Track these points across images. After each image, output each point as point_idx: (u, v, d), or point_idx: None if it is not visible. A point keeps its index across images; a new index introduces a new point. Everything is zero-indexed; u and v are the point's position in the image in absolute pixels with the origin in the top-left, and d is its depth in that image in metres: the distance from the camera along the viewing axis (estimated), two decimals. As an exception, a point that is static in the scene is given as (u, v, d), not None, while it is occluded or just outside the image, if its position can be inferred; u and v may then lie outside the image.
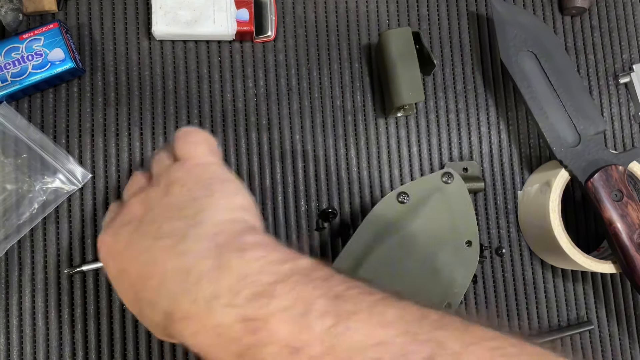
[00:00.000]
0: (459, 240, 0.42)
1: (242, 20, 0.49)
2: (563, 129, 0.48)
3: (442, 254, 0.41)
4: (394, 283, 0.40)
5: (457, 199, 0.42)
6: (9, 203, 0.46)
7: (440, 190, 0.41)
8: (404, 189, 0.40)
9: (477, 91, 0.54)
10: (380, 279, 0.39)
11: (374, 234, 0.39)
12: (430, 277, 0.41)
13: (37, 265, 0.46)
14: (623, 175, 0.46)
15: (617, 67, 0.56)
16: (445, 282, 0.41)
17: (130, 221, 0.31)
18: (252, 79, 0.51)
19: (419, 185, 0.40)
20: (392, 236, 0.40)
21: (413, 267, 0.40)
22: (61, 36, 0.46)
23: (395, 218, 0.40)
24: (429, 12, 0.54)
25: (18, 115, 0.47)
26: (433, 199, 0.41)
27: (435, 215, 0.41)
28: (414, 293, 0.38)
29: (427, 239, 0.41)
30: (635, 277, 0.46)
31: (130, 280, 0.30)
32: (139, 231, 0.30)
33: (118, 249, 0.31)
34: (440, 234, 0.41)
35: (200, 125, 0.49)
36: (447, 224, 0.42)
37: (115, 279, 0.32)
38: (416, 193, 0.40)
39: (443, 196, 0.41)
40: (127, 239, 0.30)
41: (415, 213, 0.40)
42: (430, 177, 0.41)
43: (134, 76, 0.49)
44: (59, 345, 0.45)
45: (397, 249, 0.40)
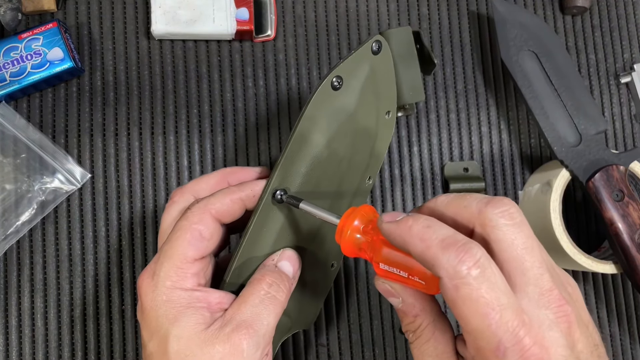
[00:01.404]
0: (381, 110, 0.41)
1: (241, 19, 0.49)
2: (564, 129, 0.48)
3: (368, 126, 0.40)
4: (329, 169, 0.38)
5: (383, 69, 0.39)
6: (8, 203, 0.46)
7: (369, 62, 0.37)
8: (337, 72, 0.35)
9: (478, 91, 0.54)
10: (323, 171, 0.37)
11: (309, 132, 0.36)
12: (357, 151, 0.40)
13: (36, 265, 0.46)
14: (624, 175, 0.46)
15: (618, 67, 0.56)
16: (367, 153, 0.40)
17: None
18: (252, 78, 0.51)
19: (351, 63, 0.36)
20: (324, 131, 0.37)
21: (345, 147, 0.38)
22: (60, 36, 0.45)
23: (331, 108, 0.36)
24: (429, 12, 0.54)
25: (17, 115, 0.46)
26: (362, 75, 0.37)
27: (363, 91, 0.38)
28: (346, 169, 0.39)
29: (356, 115, 0.38)
30: (636, 278, 0.45)
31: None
32: None
33: None
34: (367, 107, 0.39)
35: (200, 125, 0.49)
36: (373, 96, 0.39)
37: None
38: (348, 73, 0.36)
39: (371, 69, 0.38)
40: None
41: (346, 95, 0.37)
42: (361, 50, 0.37)
43: (133, 76, 0.49)
44: (58, 346, 0.45)
45: (335, 136, 0.37)
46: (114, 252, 0.47)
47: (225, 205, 0.33)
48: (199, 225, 0.32)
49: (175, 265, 0.32)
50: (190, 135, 0.49)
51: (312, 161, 0.36)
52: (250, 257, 0.35)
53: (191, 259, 0.32)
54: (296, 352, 0.48)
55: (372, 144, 0.41)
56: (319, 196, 0.38)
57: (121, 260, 0.47)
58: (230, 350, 0.30)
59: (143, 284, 0.32)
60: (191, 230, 0.32)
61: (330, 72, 0.35)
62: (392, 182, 0.51)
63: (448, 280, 0.25)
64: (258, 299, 0.33)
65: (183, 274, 0.32)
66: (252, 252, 0.35)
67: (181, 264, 0.32)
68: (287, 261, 0.36)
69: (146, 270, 0.33)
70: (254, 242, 0.34)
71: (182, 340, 0.30)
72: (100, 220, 0.47)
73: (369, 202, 0.50)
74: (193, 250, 0.32)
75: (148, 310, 0.32)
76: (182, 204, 0.35)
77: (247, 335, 0.31)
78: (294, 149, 0.35)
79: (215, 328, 0.31)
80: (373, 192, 0.51)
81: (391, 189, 0.51)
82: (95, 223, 0.47)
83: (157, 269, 0.32)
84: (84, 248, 0.47)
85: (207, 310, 0.32)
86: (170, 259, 0.32)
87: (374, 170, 0.42)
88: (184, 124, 0.49)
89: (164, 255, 0.32)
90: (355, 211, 0.31)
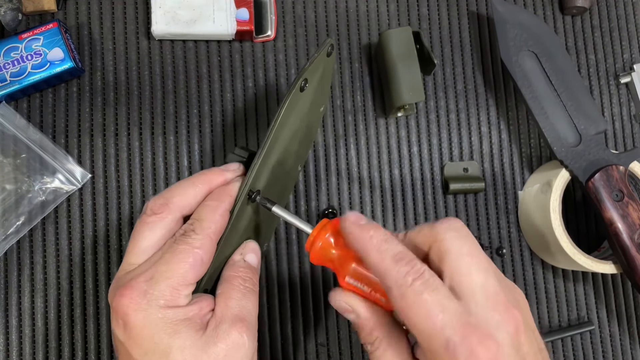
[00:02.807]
0: (320, 105, 0.45)
1: (241, 19, 0.49)
2: (564, 129, 0.48)
3: (313, 120, 0.44)
4: (286, 161, 0.41)
5: (329, 69, 0.43)
6: (8, 203, 0.46)
7: (323, 63, 0.41)
8: (306, 75, 0.38)
9: (478, 91, 0.54)
10: (282, 164, 0.40)
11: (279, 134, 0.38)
12: (302, 143, 0.44)
13: (37, 265, 0.46)
14: (624, 175, 0.46)
15: (617, 67, 0.56)
16: (308, 145, 0.47)
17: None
18: (252, 78, 0.51)
19: (314, 66, 0.39)
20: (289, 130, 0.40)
21: (298, 140, 0.42)
22: (60, 36, 0.45)
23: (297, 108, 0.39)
24: (429, 12, 0.54)
25: (17, 115, 0.47)
26: (318, 75, 0.41)
27: (315, 90, 0.41)
28: (294, 161, 0.44)
29: (309, 111, 0.42)
30: (636, 277, 0.45)
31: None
32: None
33: None
34: (315, 104, 0.43)
35: (200, 126, 0.49)
36: (320, 93, 0.43)
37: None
38: (311, 76, 0.39)
39: (323, 70, 0.41)
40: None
41: (307, 95, 0.40)
42: (321, 53, 0.40)
43: (133, 76, 0.49)
44: (58, 346, 0.45)
45: (296, 132, 0.41)
46: (114, 252, 0.47)
47: (219, 224, 0.34)
48: (200, 251, 0.33)
49: (172, 286, 0.32)
50: (190, 135, 0.49)
51: (278, 157, 0.39)
52: (222, 255, 0.36)
53: (189, 282, 0.33)
54: (296, 352, 0.48)
55: (311, 135, 0.46)
56: (275, 188, 0.40)
57: (121, 260, 0.47)
58: (233, 345, 0.32)
59: (130, 302, 0.31)
60: (193, 255, 0.33)
61: (300, 76, 0.37)
62: (392, 182, 0.51)
63: (396, 289, 0.28)
64: (240, 293, 0.34)
65: (178, 294, 0.32)
66: (224, 250, 0.36)
67: (179, 285, 0.32)
68: (252, 253, 0.38)
69: (131, 287, 0.32)
70: (227, 241, 0.36)
71: (186, 350, 0.31)
72: (100, 220, 0.47)
73: (369, 202, 0.51)
74: (193, 274, 0.33)
75: (139, 329, 0.31)
76: (169, 223, 0.35)
77: (244, 327, 0.32)
78: (268, 151, 0.36)
79: (211, 329, 0.32)
80: (373, 192, 0.51)
81: (391, 189, 0.51)
82: (95, 223, 0.47)
83: (150, 288, 0.32)
84: (84, 248, 0.47)
85: (198, 318, 0.32)
86: (167, 280, 0.32)
87: (304, 159, 0.48)
88: (184, 124, 0.49)
89: (160, 275, 0.32)
90: (328, 224, 0.33)
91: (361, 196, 0.50)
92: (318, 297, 0.48)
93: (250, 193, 0.36)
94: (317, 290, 0.49)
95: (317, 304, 0.48)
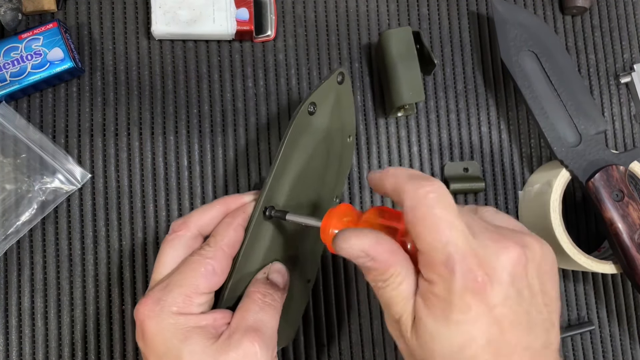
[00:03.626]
0: (345, 134, 0.45)
1: (241, 19, 0.49)
2: (564, 129, 0.48)
3: (336, 147, 0.44)
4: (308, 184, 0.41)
5: (346, 98, 0.44)
6: (8, 203, 0.46)
7: (335, 91, 0.42)
8: (312, 98, 0.40)
9: (478, 91, 0.54)
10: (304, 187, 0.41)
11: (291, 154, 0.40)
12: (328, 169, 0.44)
13: (37, 265, 0.46)
14: (624, 175, 0.46)
15: (617, 67, 0.56)
16: (335, 172, 0.45)
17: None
18: (252, 78, 0.51)
19: (322, 91, 0.41)
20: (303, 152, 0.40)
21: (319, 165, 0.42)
22: (60, 36, 0.45)
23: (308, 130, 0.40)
24: (429, 12, 0.54)
25: (17, 115, 0.47)
26: (330, 101, 0.42)
27: (332, 116, 0.42)
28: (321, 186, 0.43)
29: (328, 136, 0.42)
30: (636, 278, 0.45)
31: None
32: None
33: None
34: (335, 130, 0.43)
35: (200, 126, 0.49)
36: (339, 121, 0.43)
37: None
38: (320, 100, 0.41)
39: (337, 97, 0.42)
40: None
41: (319, 119, 0.41)
42: (329, 80, 0.41)
43: (133, 76, 0.49)
44: (58, 346, 0.45)
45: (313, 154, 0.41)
46: (114, 252, 0.47)
47: (232, 237, 0.36)
48: (212, 261, 0.34)
49: (184, 294, 0.33)
50: (190, 135, 0.49)
51: (295, 178, 0.39)
52: (244, 272, 0.37)
53: (201, 291, 0.34)
54: (296, 352, 0.48)
55: (339, 164, 0.45)
56: (301, 210, 0.41)
57: (121, 260, 0.47)
58: (245, 354, 0.32)
59: (145, 310, 0.33)
60: (205, 264, 0.34)
61: (306, 100, 0.39)
62: (392, 182, 0.51)
63: (409, 202, 0.28)
64: (258, 306, 0.35)
65: (190, 302, 0.33)
66: (246, 268, 0.37)
67: (191, 293, 0.33)
68: (277, 273, 0.38)
69: (148, 297, 0.34)
70: (247, 258, 0.37)
71: (196, 356, 0.32)
72: (100, 220, 0.47)
73: (369, 202, 0.51)
74: (205, 283, 0.34)
75: (153, 335, 0.33)
76: (187, 239, 0.37)
77: (257, 338, 0.33)
78: (279, 169, 0.38)
79: (224, 338, 0.33)
80: (374, 193, 0.51)
81: (391, 189, 0.51)
82: (95, 223, 0.47)
83: (163, 295, 0.33)
84: (84, 248, 0.47)
85: (212, 328, 0.33)
86: (180, 287, 0.34)
87: (339, 190, 0.47)
88: (184, 124, 0.49)
89: (173, 283, 0.34)
90: (333, 211, 0.34)
91: (361, 196, 0.50)
92: (318, 297, 0.48)
93: (265, 210, 0.37)
94: (317, 290, 0.49)
95: (317, 304, 0.48)
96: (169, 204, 0.48)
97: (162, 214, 0.48)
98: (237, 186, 0.49)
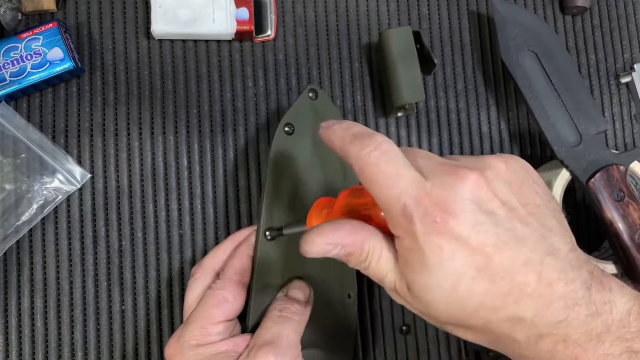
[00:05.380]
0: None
1: (241, 19, 0.49)
2: (564, 129, 0.48)
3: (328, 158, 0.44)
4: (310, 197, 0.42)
5: (327, 109, 0.44)
6: (8, 203, 0.46)
7: (311, 108, 0.43)
8: (286, 119, 0.41)
9: (478, 91, 0.54)
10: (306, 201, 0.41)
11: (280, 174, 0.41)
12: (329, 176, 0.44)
13: (36, 265, 0.46)
14: (624, 175, 0.46)
15: (618, 67, 0.56)
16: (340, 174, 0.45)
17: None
18: (252, 78, 0.51)
19: (295, 111, 0.42)
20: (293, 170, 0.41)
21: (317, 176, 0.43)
22: (60, 36, 0.45)
23: (292, 151, 0.41)
24: (429, 12, 0.54)
25: (17, 115, 0.46)
26: (309, 118, 0.43)
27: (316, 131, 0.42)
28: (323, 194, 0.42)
29: (317, 151, 0.43)
30: (637, 278, 0.45)
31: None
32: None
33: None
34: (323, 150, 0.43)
35: (199, 125, 0.49)
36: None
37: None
38: (296, 119, 0.41)
39: (316, 112, 0.43)
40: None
41: (301, 137, 0.42)
42: (300, 99, 0.42)
43: (133, 76, 0.49)
44: (58, 346, 0.45)
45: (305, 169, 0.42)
46: (113, 252, 0.47)
47: (238, 266, 0.38)
48: (222, 291, 0.37)
49: (200, 326, 0.35)
50: (190, 135, 0.49)
51: (290, 196, 0.41)
52: (264, 296, 0.39)
53: (216, 321, 0.36)
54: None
55: (342, 168, 0.45)
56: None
57: (121, 260, 0.47)
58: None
59: (170, 349, 0.36)
60: (215, 295, 0.37)
61: (280, 123, 0.41)
62: (392, 182, 0.51)
63: (357, 165, 0.28)
64: (271, 321, 0.36)
65: (207, 333, 0.35)
66: (266, 291, 0.39)
67: (206, 324, 0.36)
68: (296, 289, 0.39)
69: (172, 338, 0.37)
70: (262, 281, 0.39)
71: None
72: (100, 220, 0.47)
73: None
74: (218, 313, 0.36)
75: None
76: (204, 280, 0.39)
77: (272, 349, 0.34)
78: (270, 192, 0.39)
79: (242, 357, 0.34)
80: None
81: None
82: (95, 223, 0.47)
83: (183, 333, 0.36)
84: (84, 248, 0.47)
85: (233, 351, 0.35)
86: (195, 322, 0.36)
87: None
88: (184, 124, 0.49)
89: (190, 320, 0.36)
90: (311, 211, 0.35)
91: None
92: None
93: (266, 234, 0.39)
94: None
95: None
96: (168, 204, 0.48)
97: (162, 214, 0.48)
98: (236, 186, 0.49)
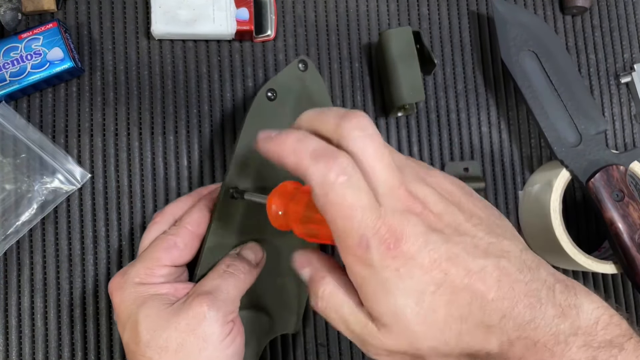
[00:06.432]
0: None
1: (241, 19, 0.49)
2: (564, 129, 0.48)
3: None
4: (277, 169, 0.42)
5: (315, 85, 0.44)
6: (8, 203, 0.46)
7: (298, 79, 0.42)
8: (270, 85, 0.40)
9: (478, 91, 0.54)
10: (272, 172, 0.40)
11: (253, 138, 0.40)
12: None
13: (36, 265, 0.46)
14: (624, 175, 0.46)
15: (618, 67, 0.56)
16: None
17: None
18: (252, 78, 0.51)
19: (281, 78, 0.41)
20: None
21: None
22: (60, 36, 0.45)
23: (270, 117, 0.41)
24: (429, 12, 0.54)
25: (17, 115, 0.46)
26: (294, 88, 0.42)
27: (299, 102, 0.42)
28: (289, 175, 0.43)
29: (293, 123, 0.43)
30: (637, 278, 0.45)
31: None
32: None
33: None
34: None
35: (199, 125, 0.49)
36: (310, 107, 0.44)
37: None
38: (280, 87, 0.41)
39: (302, 84, 0.43)
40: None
41: (282, 106, 0.41)
42: (289, 67, 0.42)
43: (133, 76, 0.49)
44: (58, 346, 0.45)
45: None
46: (114, 252, 0.47)
47: (194, 215, 0.38)
48: (174, 237, 0.37)
49: (146, 266, 0.36)
50: (190, 135, 0.49)
51: (261, 162, 0.40)
52: (217, 252, 0.39)
53: (162, 263, 0.36)
54: (296, 352, 0.48)
55: None
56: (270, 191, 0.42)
57: (121, 260, 0.47)
58: (193, 315, 0.34)
59: (113, 283, 0.37)
60: (167, 240, 0.37)
61: (263, 86, 0.41)
62: (392, 182, 0.51)
63: (319, 188, 0.27)
64: (217, 274, 0.37)
65: (152, 274, 0.36)
66: (219, 247, 0.39)
67: (152, 265, 0.36)
68: (249, 250, 0.40)
69: (118, 272, 0.37)
70: (218, 235, 0.39)
71: (149, 318, 0.34)
72: (100, 220, 0.47)
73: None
74: (166, 256, 0.37)
75: (118, 304, 0.36)
76: (162, 225, 0.39)
77: (207, 300, 0.34)
78: (240, 153, 0.39)
79: (179, 303, 0.35)
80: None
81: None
82: (95, 223, 0.47)
83: (128, 269, 0.37)
84: (84, 248, 0.47)
85: (172, 295, 0.36)
86: (142, 261, 0.37)
87: None
88: (183, 124, 0.49)
89: (139, 259, 0.37)
90: (276, 189, 0.34)
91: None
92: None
93: (230, 192, 0.39)
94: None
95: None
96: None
97: (162, 214, 0.48)
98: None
